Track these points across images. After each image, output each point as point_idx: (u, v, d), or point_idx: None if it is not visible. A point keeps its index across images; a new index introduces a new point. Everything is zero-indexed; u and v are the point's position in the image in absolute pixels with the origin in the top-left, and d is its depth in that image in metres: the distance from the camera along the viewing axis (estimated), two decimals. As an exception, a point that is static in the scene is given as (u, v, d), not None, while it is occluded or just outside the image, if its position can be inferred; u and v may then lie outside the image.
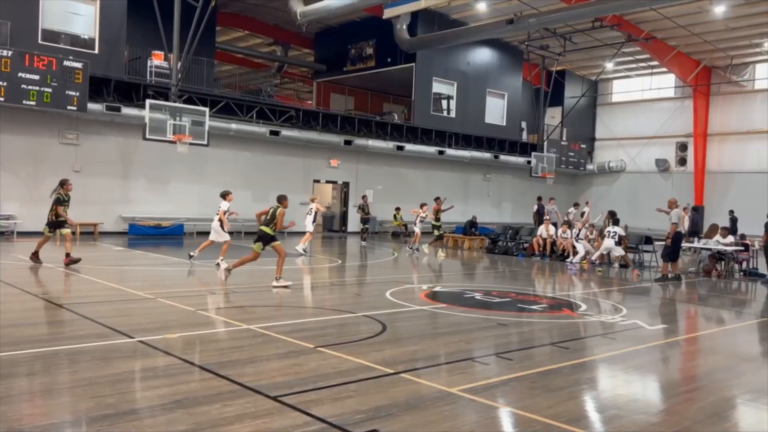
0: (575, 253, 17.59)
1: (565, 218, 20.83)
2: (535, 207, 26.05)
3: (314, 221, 17.70)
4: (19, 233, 18.70)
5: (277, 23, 30.29)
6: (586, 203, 27.17)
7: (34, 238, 18.50)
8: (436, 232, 19.91)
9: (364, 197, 23.80)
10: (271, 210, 11.00)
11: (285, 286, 10.87)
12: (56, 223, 12.76)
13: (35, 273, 11.87)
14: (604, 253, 16.91)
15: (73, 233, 13.11)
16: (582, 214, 23.26)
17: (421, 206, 19.94)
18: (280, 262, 11.07)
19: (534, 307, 10.18)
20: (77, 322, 7.63)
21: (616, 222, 16.98)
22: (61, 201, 12.74)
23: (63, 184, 12.93)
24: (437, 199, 19.90)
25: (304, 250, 16.82)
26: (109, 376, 5.44)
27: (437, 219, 19.68)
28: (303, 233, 17.41)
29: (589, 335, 8.34)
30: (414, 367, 6.12)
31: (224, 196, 13.81)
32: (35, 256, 12.75)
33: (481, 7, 26.19)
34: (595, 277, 14.79)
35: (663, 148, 35.05)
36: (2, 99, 16.53)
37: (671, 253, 14.28)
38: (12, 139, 19.14)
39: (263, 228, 10.91)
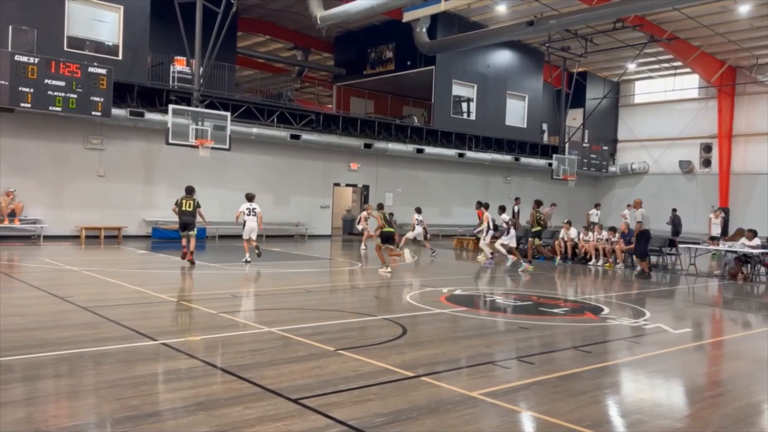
0: (597, 256, 17.44)
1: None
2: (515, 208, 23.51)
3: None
4: (45, 237, 19.02)
5: (297, 28, 30.47)
6: (628, 206, 26.71)
7: (59, 242, 18.89)
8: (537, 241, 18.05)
9: (391, 214, 24.14)
10: (388, 215, 15.07)
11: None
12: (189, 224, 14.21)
13: (61, 276, 12.08)
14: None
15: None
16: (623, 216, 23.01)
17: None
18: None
19: (555, 310, 10.10)
20: (101, 324, 7.74)
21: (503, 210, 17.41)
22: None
23: (193, 191, 14.51)
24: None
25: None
26: (133, 378, 5.52)
27: (538, 223, 17.81)
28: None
29: (612, 339, 8.25)
30: (434, 371, 6.10)
31: (420, 210, 19.26)
32: (191, 258, 14.19)
33: (501, 9, 26.09)
34: (618, 280, 14.63)
35: (687, 150, 34.50)
36: (29, 105, 16.84)
37: (642, 250, 15.13)
38: (38, 145, 19.49)
39: (390, 229, 14.87)
